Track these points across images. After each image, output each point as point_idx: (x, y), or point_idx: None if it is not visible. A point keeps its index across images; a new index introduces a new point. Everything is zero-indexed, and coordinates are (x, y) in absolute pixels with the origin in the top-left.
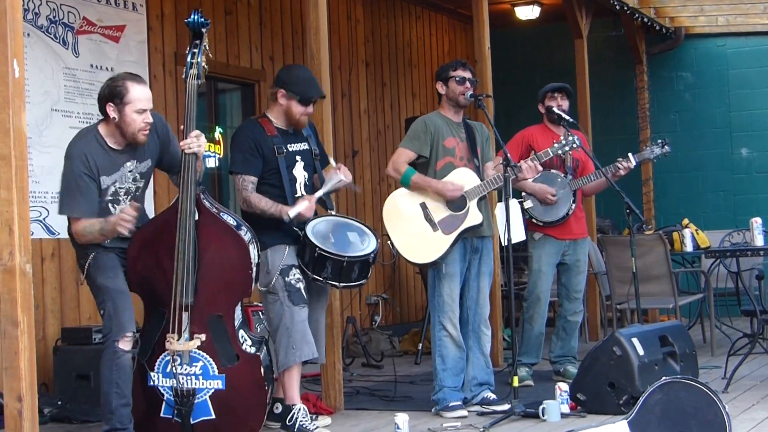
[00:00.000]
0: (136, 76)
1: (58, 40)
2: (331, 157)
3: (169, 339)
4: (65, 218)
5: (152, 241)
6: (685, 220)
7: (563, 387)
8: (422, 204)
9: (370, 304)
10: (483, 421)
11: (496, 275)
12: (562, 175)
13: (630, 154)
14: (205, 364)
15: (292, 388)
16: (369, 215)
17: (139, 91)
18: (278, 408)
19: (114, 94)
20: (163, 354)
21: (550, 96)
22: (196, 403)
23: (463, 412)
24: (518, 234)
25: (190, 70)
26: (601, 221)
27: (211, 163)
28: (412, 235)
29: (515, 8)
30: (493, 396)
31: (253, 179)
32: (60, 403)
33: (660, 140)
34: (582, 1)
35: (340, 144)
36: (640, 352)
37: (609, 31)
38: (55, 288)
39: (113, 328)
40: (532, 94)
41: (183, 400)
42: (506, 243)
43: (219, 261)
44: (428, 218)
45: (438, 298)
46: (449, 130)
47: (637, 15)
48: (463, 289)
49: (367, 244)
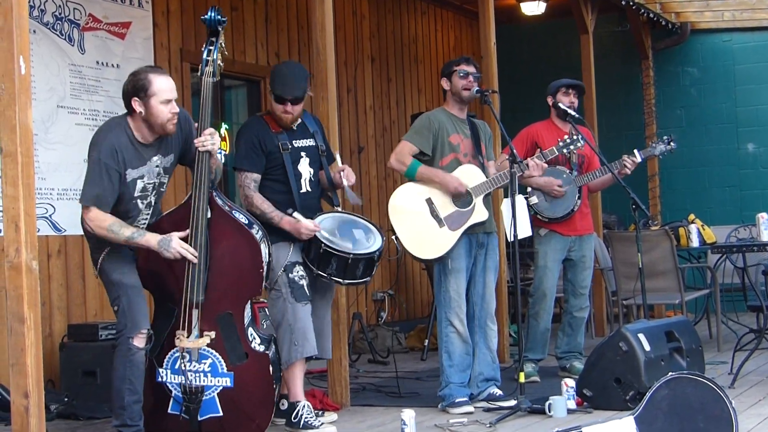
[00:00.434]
0: (157, 68)
1: (63, 37)
2: (338, 155)
3: (178, 336)
4: (72, 215)
5: (168, 233)
6: (692, 216)
7: (569, 383)
8: (428, 200)
9: (376, 301)
10: (489, 416)
11: (502, 271)
12: (568, 171)
13: (636, 150)
14: (214, 361)
15: (296, 384)
16: (375, 211)
17: (162, 82)
18: (284, 404)
19: (138, 88)
20: (173, 350)
21: (564, 92)
22: (204, 400)
23: (470, 408)
24: (524, 230)
25: (205, 67)
26: (607, 217)
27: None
28: (418, 230)
29: (521, 4)
30: (499, 392)
31: (256, 177)
32: (66, 399)
33: (666, 136)
34: None
35: (346, 140)
36: (647, 348)
37: (615, 27)
38: (62, 285)
39: (128, 324)
40: (538, 90)
41: (191, 397)
42: (512, 239)
43: (230, 259)
44: (434, 214)
45: (444, 294)
46: (454, 126)
47: (643, 10)
48: (469, 285)
49: (372, 242)
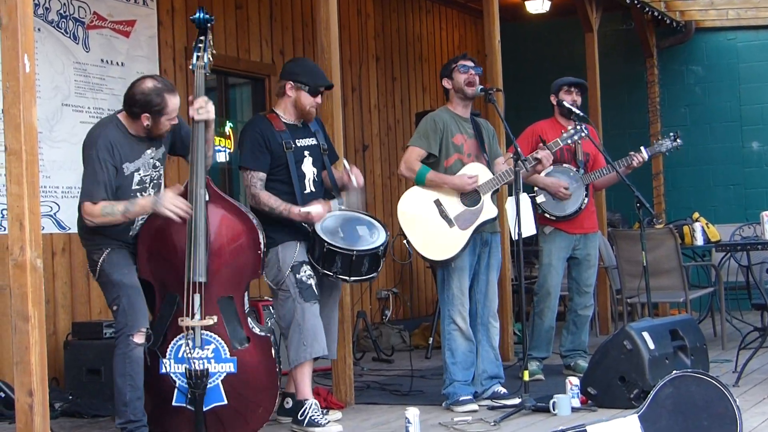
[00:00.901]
0: (169, 85)
1: (68, 35)
2: (346, 162)
3: (182, 319)
4: (76, 213)
5: (165, 223)
6: (696, 214)
7: (574, 381)
8: (436, 201)
9: (380, 299)
10: (494, 415)
11: (506, 269)
12: (575, 169)
13: (642, 148)
14: (217, 346)
15: (304, 383)
16: (380, 209)
17: (174, 103)
18: (288, 403)
19: (152, 104)
20: (175, 339)
21: (566, 90)
22: (209, 388)
23: (474, 406)
24: (528, 228)
25: (196, 62)
26: (612, 215)
27: (221, 158)
28: (429, 233)
29: (525, 2)
30: (503, 390)
31: (262, 175)
32: (71, 397)
33: (672, 133)
34: None
35: (351, 139)
36: (651, 346)
37: (619, 25)
38: (66, 283)
39: (128, 323)
40: (542, 88)
41: (197, 381)
42: (516, 237)
43: (229, 241)
44: (444, 215)
45: (448, 292)
46: (457, 126)
47: (647, 9)
48: (472, 283)
49: (376, 238)
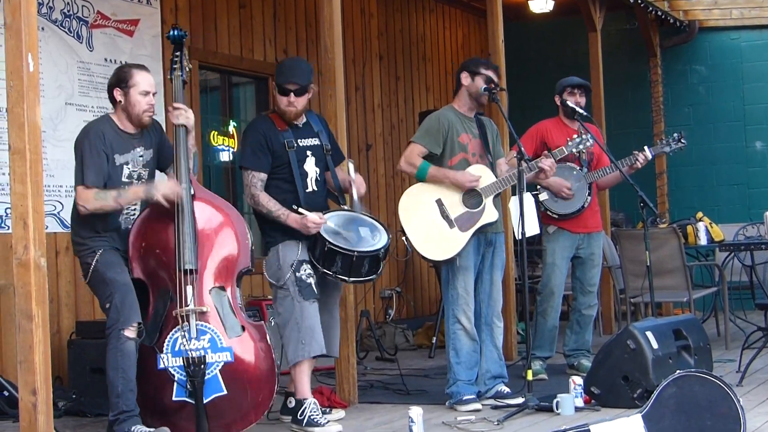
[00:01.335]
0: (140, 65)
1: (72, 34)
2: (351, 164)
3: (175, 312)
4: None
5: (154, 221)
6: (699, 214)
7: (577, 380)
8: (438, 200)
9: (383, 298)
10: (497, 414)
11: (510, 269)
12: (578, 168)
13: (647, 147)
14: (213, 336)
15: (303, 382)
16: (383, 209)
17: (142, 76)
18: (291, 402)
19: (120, 80)
20: (172, 332)
21: (569, 91)
22: (207, 379)
23: (477, 406)
24: (532, 228)
25: (174, 72)
26: (615, 215)
27: (225, 157)
28: (429, 232)
29: (529, 1)
30: (507, 389)
31: (262, 176)
32: (74, 396)
33: (676, 133)
34: None
35: (354, 138)
36: (654, 346)
37: (623, 25)
38: (70, 282)
39: (120, 318)
40: (546, 87)
41: (194, 370)
42: (520, 236)
43: (216, 231)
44: (444, 215)
45: (452, 291)
46: (463, 126)
47: (651, 8)
48: (476, 282)
49: (377, 240)
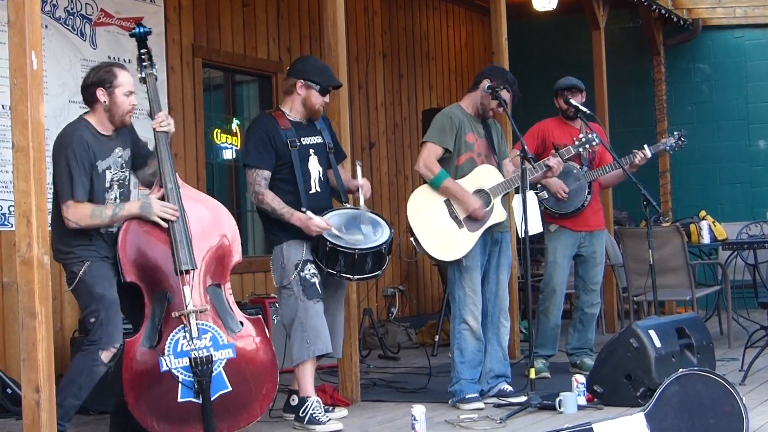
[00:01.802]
0: (120, 64)
1: (75, 32)
2: (359, 165)
3: (175, 313)
4: None
5: (142, 221)
6: (702, 212)
7: (580, 379)
8: (447, 201)
9: (386, 296)
10: (500, 413)
11: (513, 267)
12: (578, 167)
13: (646, 146)
14: (214, 334)
15: (307, 381)
16: (386, 207)
17: (125, 76)
18: (294, 400)
19: (104, 80)
20: (172, 334)
21: (561, 93)
22: (212, 377)
23: (480, 404)
24: (535, 226)
25: (146, 70)
26: (618, 213)
27: (228, 155)
28: (438, 232)
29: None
30: (509, 388)
31: (266, 174)
32: None
33: (677, 132)
34: None
35: (357, 136)
36: (657, 344)
37: (626, 23)
38: None
39: (103, 338)
40: (549, 85)
41: (202, 369)
42: (523, 235)
43: (209, 229)
44: (453, 215)
45: (459, 291)
46: (470, 125)
47: (654, 6)
48: (483, 281)
49: (380, 235)
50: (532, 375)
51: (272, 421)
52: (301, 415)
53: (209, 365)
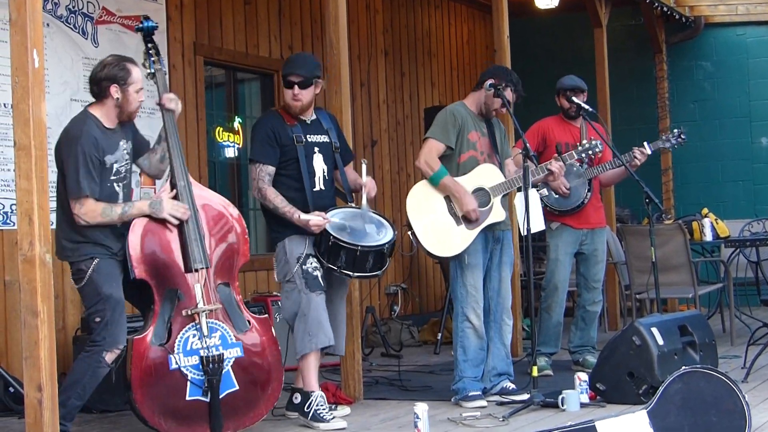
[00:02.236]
0: (131, 59)
1: (77, 30)
2: (364, 165)
3: (186, 311)
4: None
5: (153, 221)
6: (705, 210)
7: (582, 377)
8: (447, 197)
9: (389, 294)
10: (502, 410)
11: (515, 265)
12: (578, 164)
13: (646, 143)
14: (223, 333)
15: (310, 375)
16: (388, 206)
17: (137, 72)
18: (297, 398)
19: (118, 77)
20: (182, 332)
21: (563, 94)
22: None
23: (483, 402)
24: (537, 224)
25: (154, 65)
26: (620, 211)
27: (230, 153)
28: (436, 228)
29: None
30: (512, 386)
31: (270, 170)
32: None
33: (677, 129)
34: None
35: (359, 134)
36: (660, 342)
37: (628, 21)
38: None
39: (107, 338)
40: (551, 83)
41: (213, 368)
42: (525, 233)
43: (220, 228)
44: (452, 212)
45: (461, 289)
46: (473, 123)
47: (656, 4)
48: (485, 280)
49: (383, 236)
50: (535, 373)
51: (275, 419)
52: (305, 410)
53: (220, 364)
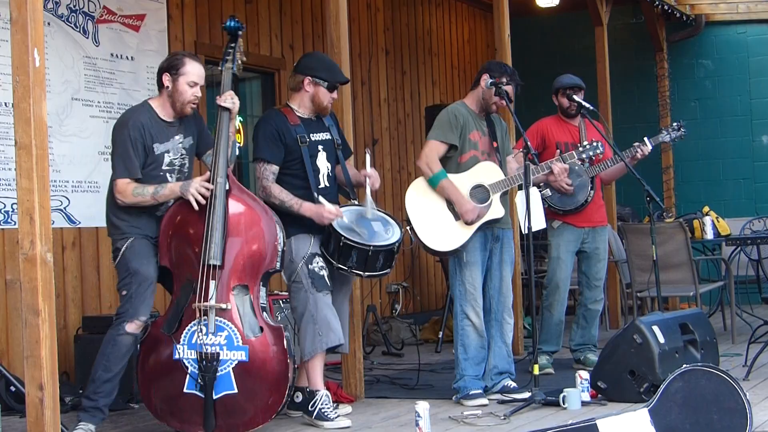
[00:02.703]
0: (193, 54)
1: (78, 30)
2: (368, 156)
3: (196, 305)
4: (86, 207)
5: (186, 212)
6: (706, 208)
7: (584, 375)
8: None
9: (390, 293)
10: (503, 409)
11: (516, 263)
12: (579, 163)
13: (646, 138)
14: (230, 333)
15: (316, 373)
16: (389, 204)
17: (193, 66)
18: (298, 397)
19: (171, 66)
20: (190, 325)
21: (562, 93)
22: (219, 376)
23: (484, 401)
24: (539, 222)
25: (225, 65)
26: (622, 209)
27: None
28: (434, 223)
29: None
30: (513, 384)
31: (275, 168)
32: (81, 391)
33: (676, 123)
34: None
35: (360, 133)
36: (661, 340)
37: (629, 19)
38: (76, 277)
39: (129, 309)
40: (552, 82)
41: (207, 365)
42: (527, 231)
43: (246, 230)
44: (451, 207)
45: (460, 287)
46: (474, 123)
47: (657, 2)
48: (486, 279)
49: (391, 234)
50: (536, 371)
51: (277, 418)
52: (310, 409)
53: (215, 363)
